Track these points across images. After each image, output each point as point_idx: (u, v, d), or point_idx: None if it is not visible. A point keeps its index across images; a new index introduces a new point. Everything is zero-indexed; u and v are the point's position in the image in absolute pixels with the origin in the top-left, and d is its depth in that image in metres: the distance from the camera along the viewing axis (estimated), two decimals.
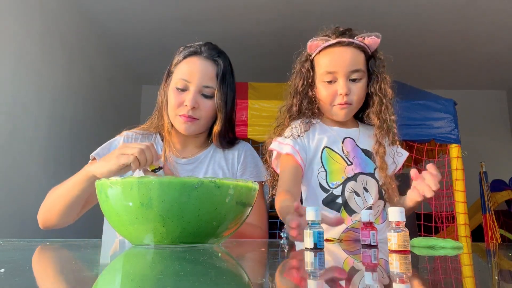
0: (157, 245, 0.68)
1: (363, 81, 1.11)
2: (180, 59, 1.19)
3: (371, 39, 1.11)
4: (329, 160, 1.12)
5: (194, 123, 1.16)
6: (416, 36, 3.58)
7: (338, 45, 1.11)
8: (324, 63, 1.11)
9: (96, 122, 3.38)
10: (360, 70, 1.10)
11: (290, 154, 1.10)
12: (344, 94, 1.08)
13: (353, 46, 1.10)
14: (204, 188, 0.65)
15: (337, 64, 1.09)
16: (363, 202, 1.09)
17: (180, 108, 1.15)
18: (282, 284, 0.43)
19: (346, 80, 1.09)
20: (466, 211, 2.61)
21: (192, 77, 1.15)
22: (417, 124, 2.66)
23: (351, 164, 1.12)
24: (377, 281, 0.45)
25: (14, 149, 2.27)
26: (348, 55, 1.10)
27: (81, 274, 0.44)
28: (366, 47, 1.12)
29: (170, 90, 1.18)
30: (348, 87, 1.09)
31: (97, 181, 0.71)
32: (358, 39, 1.11)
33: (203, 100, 1.16)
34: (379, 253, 0.71)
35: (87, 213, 1.19)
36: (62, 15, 2.84)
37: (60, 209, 1.08)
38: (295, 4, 3.10)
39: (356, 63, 1.09)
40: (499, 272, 0.57)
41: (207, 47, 1.19)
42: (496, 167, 4.06)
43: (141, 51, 3.91)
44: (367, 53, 1.13)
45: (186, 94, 1.15)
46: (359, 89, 1.10)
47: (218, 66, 1.18)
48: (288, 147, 1.10)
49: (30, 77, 2.43)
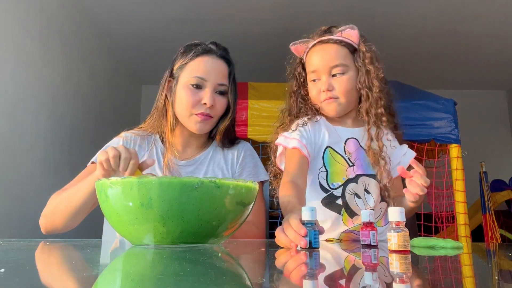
0: (157, 245, 0.68)
1: (348, 75, 1.11)
2: (191, 58, 1.18)
3: (346, 32, 1.12)
4: (331, 160, 1.11)
5: (209, 121, 1.17)
6: (416, 36, 3.58)
7: (319, 44, 1.13)
8: (309, 63, 1.14)
9: (96, 122, 3.38)
10: (340, 65, 1.10)
11: (296, 148, 1.08)
12: (326, 90, 1.10)
13: (332, 42, 1.12)
14: (204, 188, 0.65)
15: (318, 62, 1.12)
16: (364, 204, 1.09)
17: (197, 106, 1.15)
18: (282, 284, 0.43)
19: (328, 76, 1.10)
20: (466, 211, 2.61)
21: (208, 75, 1.15)
22: (417, 124, 2.67)
23: (352, 165, 1.11)
24: (377, 281, 0.45)
25: (14, 149, 2.28)
26: (327, 51, 1.11)
27: (81, 274, 0.44)
28: (349, 42, 1.12)
29: (182, 88, 1.16)
30: (329, 83, 1.10)
31: (97, 181, 0.71)
32: (337, 34, 1.12)
33: (218, 97, 1.17)
34: (380, 252, 0.71)
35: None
36: (62, 15, 2.84)
37: (67, 215, 1.06)
38: (295, 4, 3.10)
39: (336, 58, 1.10)
40: (499, 272, 0.57)
41: (218, 47, 1.21)
42: (496, 167, 4.07)
43: (141, 51, 3.91)
44: (351, 47, 1.13)
45: (203, 93, 1.15)
46: (341, 82, 1.10)
47: (230, 65, 1.21)
48: (295, 141, 1.09)
49: (30, 77, 2.43)
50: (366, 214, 0.82)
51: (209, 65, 1.16)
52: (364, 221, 0.81)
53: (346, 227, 1.08)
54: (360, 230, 0.81)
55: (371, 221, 0.81)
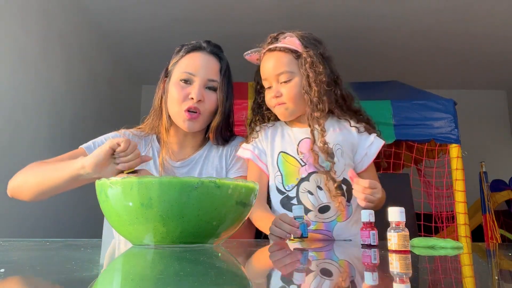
0: (157, 245, 0.68)
1: (294, 81, 1.14)
2: (182, 55, 1.19)
3: (287, 39, 1.16)
4: (284, 164, 1.16)
5: (197, 119, 1.16)
6: (416, 36, 3.58)
7: (268, 52, 1.18)
8: (262, 71, 1.20)
9: (96, 122, 3.37)
10: (285, 72, 1.14)
11: (250, 159, 1.18)
12: (275, 96, 1.15)
13: (278, 50, 1.16)
14: (204, 188, 0.65)
15: (267, 70, 1.17)
16: (317, 200, 1.12)
17: (185, 102, 1.14)
18: (282, 284, 0.43)
19: (276, 83, 1.15)
20: (466, 211, 2.61)
21: (197, 70, 1.15)
22: (417, 124, 2.66)
23: (305, 164, 1.15)
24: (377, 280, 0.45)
25: (14, 149, 2.28)
26: (274, 59, 1.16)
27: (81, 274, 0.44)
28: (292, 48, 1.15)
29: (172, 85, 1.17)
30: (277, 89, 1.15)
31: (97, 181, 0.71)
32: (281, 42, 1.16)
33: (208, 92, 1.17)
34: (337, 250, 0.71)
35: (87, 213, 1.19)
36: (62, 15, 2.84)
37: (37, 190, 1.06)
38: (295, 5, 3.10)
39: (281, 65, 1.14)
40: (499, 272, 0.57)
41: (209, 44, 1.21)
42: (496, 167, 4.06)
43: (141, 51, 3.91)
44: (297, 53, 1.15)
45: (191, 88, 1.15)
46: (288, 89, 1.14)
47: (221, 61, 1.20)
48: (248, 152, 1.19)
49: (30, 77, 2.43)
50: (366, 214, 0.82)
51: (198, 61, 1.17)
52: (364, 221, 0.81)
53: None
54: (360, 230, 0.81)
55: (371, 221, 0.81)
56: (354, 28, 3.44)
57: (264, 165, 1.18)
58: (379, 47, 3.78)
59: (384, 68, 4.08)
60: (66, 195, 1.11)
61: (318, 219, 1.11)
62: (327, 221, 1.11)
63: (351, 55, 3.76)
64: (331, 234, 1.11)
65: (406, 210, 0.75)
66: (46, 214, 2.54)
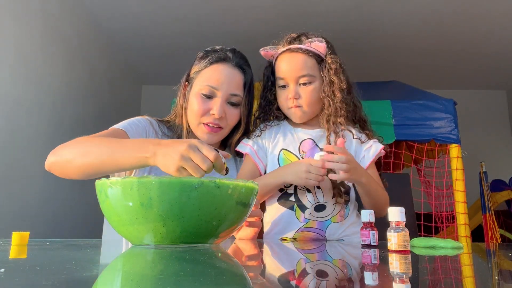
0: (157, 245, 0.68)
1: (314, 85, 1.15)
2: (205, 65, 1.15)
3: (315, 44, 1.15)
4: (285, 161, 1.16)
5: (218, 133, 1.14)
6: (416, 36, 3.58)
7: (288, 52, 1.16)
8: (278, 69, 1.18)
9: (96, 122, 3.37)
10: (308, 75, 1.14)
11: (248, 154, 1.18)
12: (293, 98, 1.14)
13: (301, 52, 1.15)
14: (204, 188, 0.65)
15: (286, 70, 1.15)
16: (314, 198, 1.13)
17: (205, 116, 1.12)
18: (281, 284, 0.43)
19: (295, 85, 1.15)
20: (466, 211, 2.61)
21: (220, 84, 1.12)
22: (417, 124, 2.67)
23: None
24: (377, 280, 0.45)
25: (14, 149, 2.28)
26: (296, 61, 1.15)
27: (81, 274, 0.44)
28: (316, 52, 1.15)
29: (193, 96, 1.14)
30: (296, 91, 1.14)
31: (97, 181, 0.71)
32: (306, 45, 1.15)
33: (230, 108, 1.14)
34: (332, 251, 0.71)
35: (87, 213, 1.18)
36: (63, 16, 2.84)
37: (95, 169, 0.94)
38: (296, 4, 3.10)
39: (304, 68, 1.14)
40: (499, 272, 0.57)
41: (235, 55, 1.17)
42: (496, 167, 4.07)
43: (141, 51, 3.91)
44: (319, 58, 1.16)
45: (213, 102, 1.12)
46: (307, 92, 1.14)
47: (246, 74, 1.17)
48: (247, 147, 1.19)
49: (30, 77, 2.43)
50: (366, 214, 0.82)
51: (222, 74, 1.13)
52: (364, 221, 0.81)
53: (300, 222, 1.12)
54: (360, 230, 0.81)
55: (371, 221, 0.81)
56: (354, 28, 3.44)
57: (261, 162, 1.18)
58: (379, 47, 3.78)
59: (384, 68, 4.08)
60: (66, 195, 1.11)
61: (312, 217, 1.11)
62: (321, 220, 1.11)
63: (351, 55, 3.76)
64: (324, 234, 1.11)
65: (406, 210, 0.75)
66: (46, 214, 2.54)
